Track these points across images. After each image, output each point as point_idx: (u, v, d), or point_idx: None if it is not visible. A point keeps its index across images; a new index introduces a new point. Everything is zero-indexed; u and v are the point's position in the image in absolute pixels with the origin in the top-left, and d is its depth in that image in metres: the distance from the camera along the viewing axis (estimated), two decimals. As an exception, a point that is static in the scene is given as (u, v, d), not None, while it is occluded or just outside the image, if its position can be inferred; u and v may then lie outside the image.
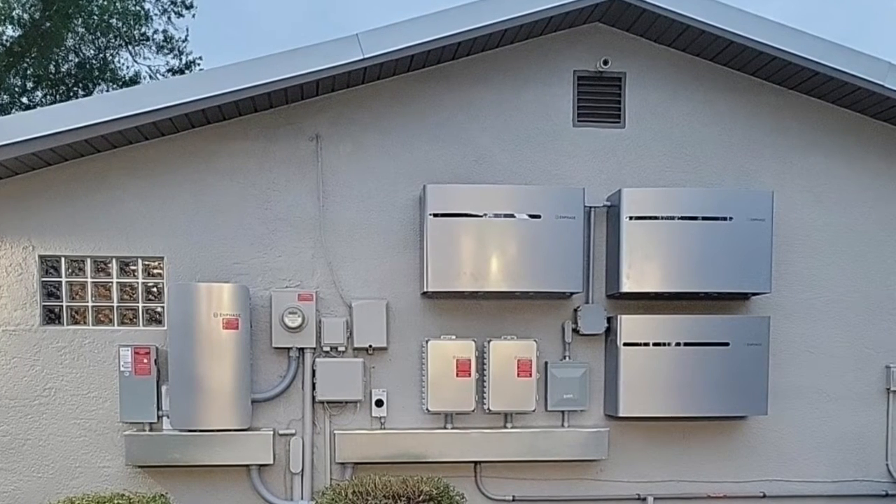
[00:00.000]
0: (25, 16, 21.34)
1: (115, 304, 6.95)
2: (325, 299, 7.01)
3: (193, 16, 24.37)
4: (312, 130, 6.98)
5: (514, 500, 7.26)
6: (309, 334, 6.90)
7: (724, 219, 6.81)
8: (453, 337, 6.99)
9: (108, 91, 23.01)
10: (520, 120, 7.13)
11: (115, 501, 5.88)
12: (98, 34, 23.40)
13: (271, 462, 6.90)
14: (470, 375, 6.91)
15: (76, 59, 23.52)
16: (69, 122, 6.19)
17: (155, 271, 6.98)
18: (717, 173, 7.29)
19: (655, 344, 6.96)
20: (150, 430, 6.84)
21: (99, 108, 6.28)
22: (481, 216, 6.67)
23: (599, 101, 7.20)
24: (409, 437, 7.03)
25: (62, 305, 6.90)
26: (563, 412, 7.21)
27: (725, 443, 7.45)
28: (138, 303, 6.98)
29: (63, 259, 6.86)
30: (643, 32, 7.12)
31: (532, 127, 7.14)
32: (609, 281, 7.12)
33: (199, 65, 25.14)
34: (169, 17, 24.29)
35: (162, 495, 6.31)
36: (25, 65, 22.18)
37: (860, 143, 7.42)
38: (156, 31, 24.37)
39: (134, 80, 24.14)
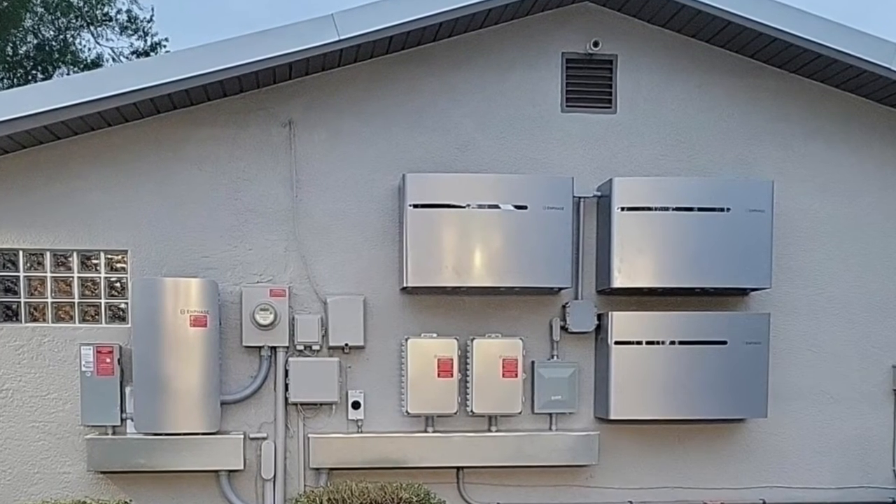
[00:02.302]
0: (-21, -6, 21.55)
1: (76, 301, 7.19)
2: (298, 295, 7.25)
3: (160, -6, 24.60)
4: (285, 116, 7.22)
5: (499, 508, 7.53)
6: (281, 332, 7.13)
7: (722, 210, 7.05)
8: (434, 335, 7.24)
9: (68, 74, 23.22)
10: (505, 105, 7.39)
11: (76, 508, 6.13)
12: (58, 14, 23.63)
13: (241, 467, 7.13)
14: (452, 376, 7.14)
15: (35, 41, 23.75)
16: (27, 107, 6.39)
17: (118, 265, 7.22)
18: (714, 161, 7.56)
19: (649, 342, 7.20)
20: (114, 433, 7.05)
21: (59, 93, 6.49)
22: (464, 207, 6.90)
23: (589, 85, 7.46)
24: (387, 441, 7.26)
25: (20, 301, 7.14)
26: (550, 415, 7.44)
27: (723, 447, 7.71)
28: (101, 299, 7.22)
29: (21, 252, 7.11)
30: (636, 12, 7.38)
31: (518, 113, 7.40)
32: (599, 276, 7.37)
33: (165, 46, 25.46)
34: (134, -4, 24.52)
35: (126, 503, 6.54)
36: (-20, 47, 22.38)
37: (865, 130, 7.69)
38: (119, 11, 24.66)
39: (96, 63, 24.40)
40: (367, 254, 7.30)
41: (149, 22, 25.42)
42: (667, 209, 7.02)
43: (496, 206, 6.92)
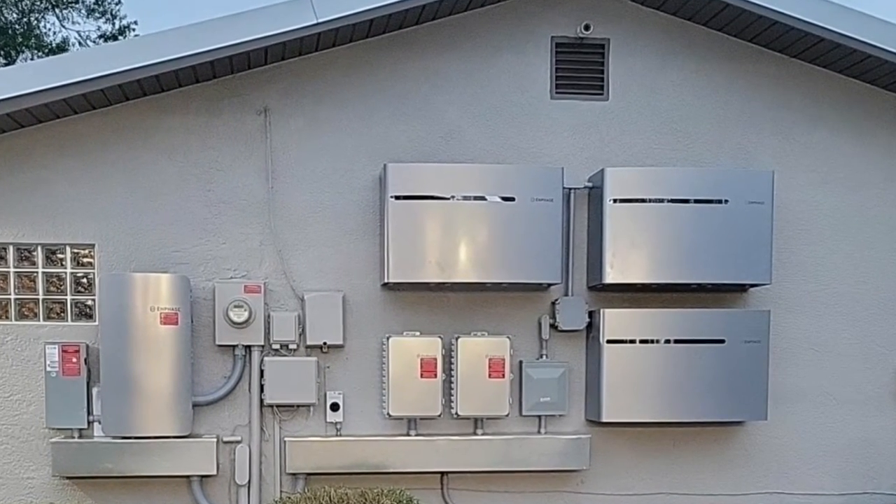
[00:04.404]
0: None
1: (41, 297, 7.37)
2: (274, 291, 7.44)
3: (129, -25, 24.73)
4: (260, 103, 7.40)
5: (485, 516, 7.71)
6: (256, 330, 7.30)
7: (719, 202, 7.21)
8: (417, 333, 7.42)
9: (32, 59, 23.33)
10: (491, 92, 7.57)
11: (40, 514, 6.31)
12: (22, -5, 23.71)
13: (214, 472, 7.32)
14: (436, 376, 7.31)
15: (-4, 24, 23.82)
16: (-11, 93, 6.56)
17: (85, 260, 7.40)
18: (711, 151, 7.75)
19: (642, 341, 7.37)
20: (80, 437, 7.21)
21: (22, 79, 6.64)
22: (449, 199, 7.06)
23: (580, 70, 7.63)
24: (367, 445, 7.45)
25: (-18, 298, 7.34)
26: (539, 417, 7.62)
27: (720, 451, 7.91)
28: (66, 295, 7.40)
29: (-17, 246, 7.30)
30: (629, -6, 7.60)
31: (505, 99, 7.59)
32: (591, 271, 7.54)
33: (133, 30, 25.66)
34: (101, -23, 24.64)
35: (92, 509, 6.75)
36: (-63, 30, 22.48)
37: (870, 117, 7.87)
38: (86, -7, 24.73)
39: (62, 48, 24.52)
40: (347, 248, 7.48)
41: (117, 4, 25.59)
42: (661, 201, 7.18)
43: (482, 198, 7.08)
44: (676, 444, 7.85)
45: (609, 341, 7.34)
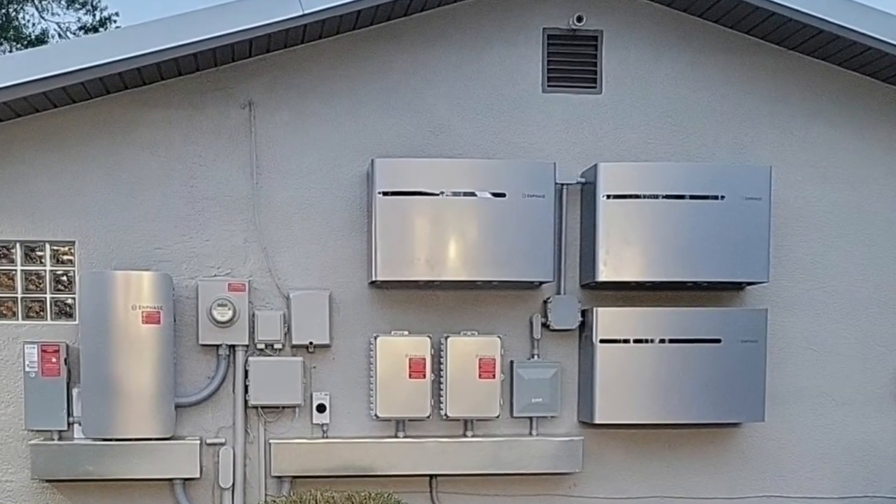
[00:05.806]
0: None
1: (20, 295, 7.47)
2: (259, 290, 7.53)
3: (110, -35, 24.81)
4: (245, 97, 7.49)
5: (475, 519, 7.82)
6: (241, 329, 7.39)
7: (716, 198, 7.31)
8: (406, 332, 7.52)
9: (10, 52, 23.40)
10: (482, 85, 7.67)
11: (19, 518, 6.41)
12: (-1, -14, 23.77)
13: (198, 475, 7.41)
14: (425, 377, 7.41)
15: (-27, 15, 23.86)
16: (-34, 87, 6.63)
17: (65, 258, 7.50)
18: (707, 146, 7.85)
19: (637, 341, 7.46)
20: (60, 438, 7.29)
21: (0, 72, 6.70)
22: (438, 195, 7.16)
23: (573, 63, 7.73)
24: (355, 447, 7.55)
25: (-42, 297, 7.44)
26: (531, 418, 7.72)
27: (717, 454, 8.02)
28: (46, 294, 7.49)
29: (-40, 244, 7.39)
30: (623, -15, 7.69)
31: (496, 93, 7.68)
32: (584, 269, 7.65)
33: (115, 22, 25.69)
34: (82, -33, 24.70)
35: (72, 512, 6.84)
36: (-88, 21, 22.53)
37: (870, 111, 7.97)
38: (67, -17, 24.81)
39: (41, 40, 24.59)
40: (333, 245, 7.57)
41: (98, -6, 25.69)
42: (656, 197, 7.28)
43: (472, 194, 7.18)
44: (671, 446, 7.96)
45: (602, 341, 7.44)
